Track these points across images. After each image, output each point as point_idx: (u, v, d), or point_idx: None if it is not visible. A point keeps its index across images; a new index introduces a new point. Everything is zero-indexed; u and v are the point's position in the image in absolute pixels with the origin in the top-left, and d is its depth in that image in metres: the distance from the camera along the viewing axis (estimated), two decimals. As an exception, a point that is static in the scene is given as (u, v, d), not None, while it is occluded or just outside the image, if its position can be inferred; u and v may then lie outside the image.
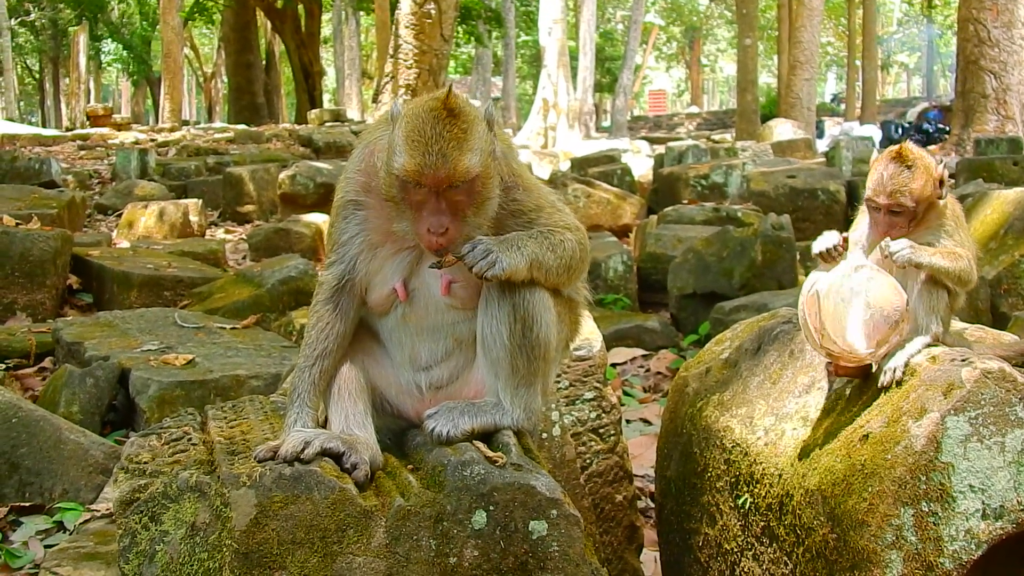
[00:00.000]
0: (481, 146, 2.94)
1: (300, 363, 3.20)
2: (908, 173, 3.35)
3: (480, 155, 2.92)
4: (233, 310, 8.89)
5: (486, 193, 3.00)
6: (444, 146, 2.85)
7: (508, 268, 2.96)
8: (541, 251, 3.07)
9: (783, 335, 3.68)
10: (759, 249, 9.49)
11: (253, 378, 6.41)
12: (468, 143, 2.89)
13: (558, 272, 3.14)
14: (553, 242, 3.12)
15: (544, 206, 3.22)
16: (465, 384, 3.23)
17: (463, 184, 2.90)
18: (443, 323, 3.19)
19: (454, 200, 2.92)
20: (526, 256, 3.02)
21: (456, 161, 2.86)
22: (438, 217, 2.91)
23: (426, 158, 2.85)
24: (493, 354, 3.10)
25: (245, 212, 17.64)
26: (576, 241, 3.21)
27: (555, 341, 3.18)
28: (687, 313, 9.72)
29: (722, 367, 3.90)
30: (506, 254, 2.97)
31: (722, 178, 16.50)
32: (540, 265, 3.07)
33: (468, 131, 2.90)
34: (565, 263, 3.16)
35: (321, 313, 3.22)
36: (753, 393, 3.57)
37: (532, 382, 3.14)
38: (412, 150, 2.86)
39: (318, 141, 24.80)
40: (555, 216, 3.23)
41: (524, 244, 3.04)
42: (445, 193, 2.90)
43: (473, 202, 2.97)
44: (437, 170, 2.85)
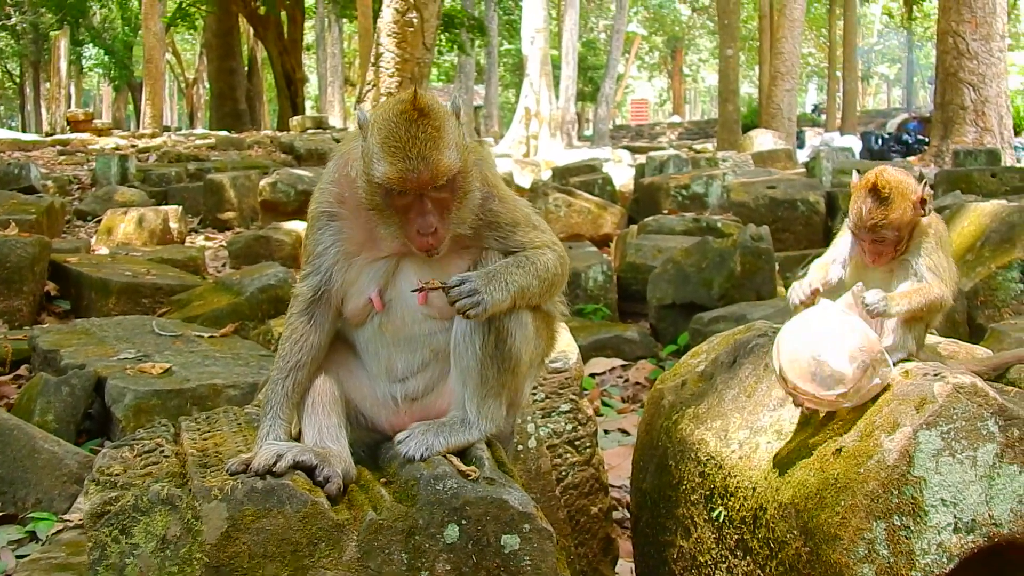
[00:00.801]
0: (456, 141, 2.95)
1: (273, 375, 3.19)
2: (884, 206, 3.38)
3: (457, 150, 2.94)
4: (212, 318, 8.85)
5: (467, 187, 3.02)
6: (422, 148, 2.86)
7: (491, 307, 2.98)
8: (527, 280, 3.08)
9: (758, 348, 3.69)
10: (738, 260, 9.51)
11: (230, 387, 6.38)
12: (444, 140, 2.90)
13: (539, 295, 3.17)
14: (538, 268, 3.13)
15: (520, 221, 3.22)
16: (441, 396, 3.22)
17: (446, 182, 2.92)
18: (420, 333, 3.19)
19: (438, 199, 2.93)
20: (511, 290, 3.03)
21: (437, 162, 2.87)
22: (425, 218, 2.92)
23: (407, 163, 2.85)
24: (463, 363, 3.11)
25: (225, 219, 17.59)
26: (556, 258, 3.22)
27: (528, 356, 3.18)
28: (666, 323, 9.74)
29: (698, 380, 3.90)
30: (491, 292, 2.98)
31: (703, 188, 16.54)
32: (524, 294, 3.09)
33: (441, 128, 2.91)
34: (547, 284, 3.18)
35: (295, 325, 3.21)
36: (728, 406, 3.57)
37: (499, 393, 3.14)
38: (391, 157, 2.86)
39: (300, 148, 24.75)
40: (531, 234, 3.23)
41: (510, 276, 3.05)
42: (431, 194, 2.91)
43: (457, 197, 2.98)
44: (420, 174, 2.86)
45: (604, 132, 51.80)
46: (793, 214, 13.81)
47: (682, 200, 16.36)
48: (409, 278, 3.13)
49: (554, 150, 38.96)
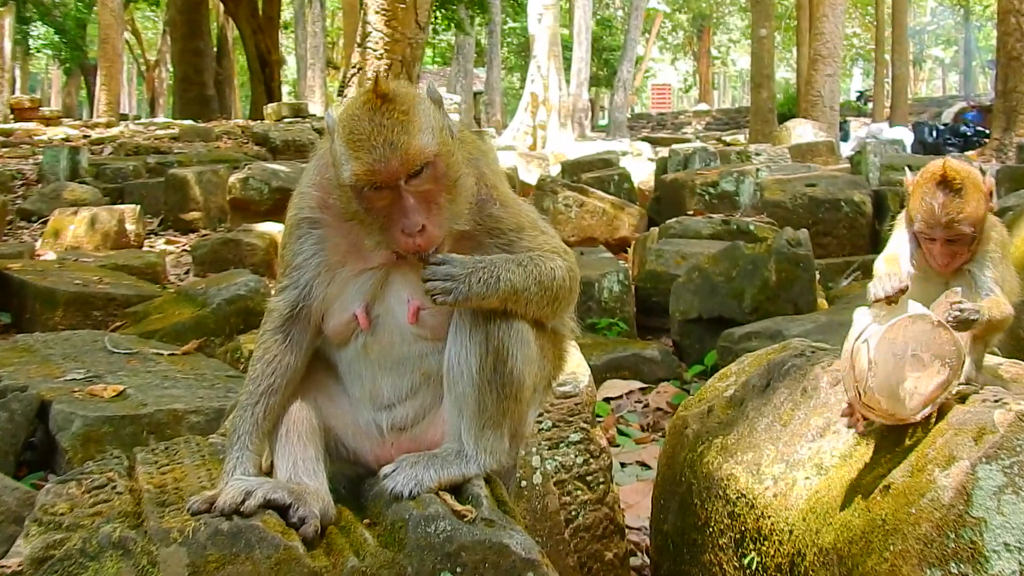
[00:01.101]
0: (431, 124, 2.96)
1: (242, 400, 3.19)
2: (960, 198, 3.35)
3: (432, 133, 2.95)
4: (173, 333, 8.84)
5: (453, 174, 3.01)
6: (388, 134, 2.88)
7: (467, 297, 2.98)
8: (523, 282, 3.07)
9: (795, 370, 3.68)
10: (773, 268, 9.50)
11: (193, 413, 6.37)
12: (414, 123, 2.92)
13: (541, 304, 3.15)
14: (542, 272, 3.12)
15: (525, 226, 3.22)
16: (433, 425, 3.22)
17: (424, 169, 2.92)
18: (409, 355, 3.19)
19: (421, 192, 2.94)
20: (501, 287, 3.02)
21: (406, 145, 2.88)
22: (409, 216, 2.92)
23: (372, 153, 2.87)
24: (459, 388, 3.10)
25: (190, 220, 17.60)
26: (565, 269, 3.21)
27: (531, 380, 3.17)
28: (691, 340, 9.73)
29: (726, 406, 3.90)
30: (472, 281, 2.97)
31: (733, 186, 16.54)
32: (519, 296, 3.07)
33: (410, 111, 2.92)
34: (551, 294, 3.16)
35: (269, 344, 3.21)
36: (761, 436, 3.57)
37: (500, 423, 3.13)
38: (356, 151, 2.89)
39: (275, 139, 24.79)
40: (539, 239, 3.23)
41: (504, 272, 3.04)
42: (410, 186, 2.91)
43: (443, 188, 2.98)
44: (388, 161, 2.87)
45: (621, 122, 51.91)
46: (836, 216, 13.81)
47: (709, 199, 16.36)
48: (399, 292, 3.13)
49: (564, 142, 39.03)
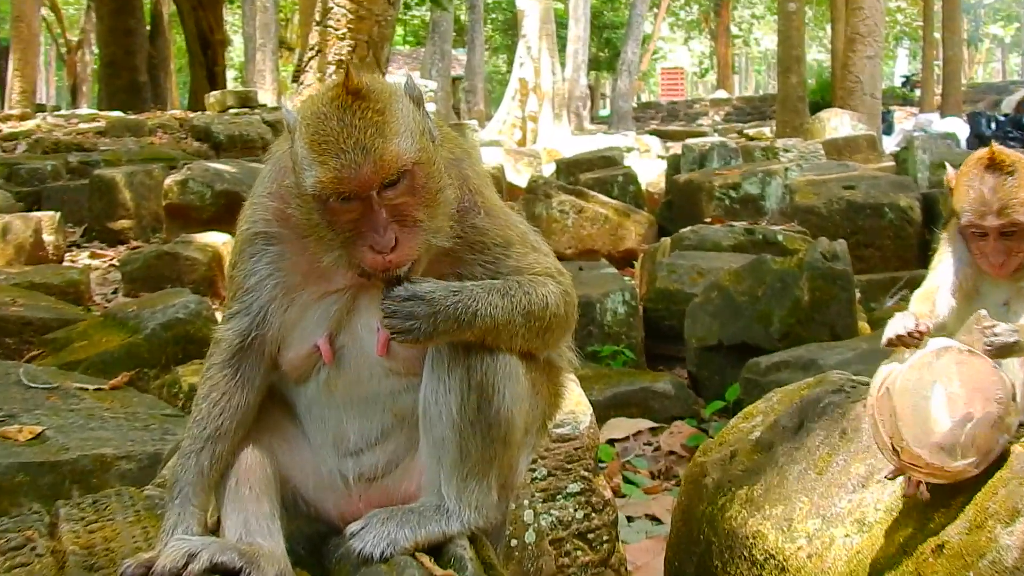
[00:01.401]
0: (410, 126, 2.97)
1: (185, 446, 3.19)
2: (1013, 180, 3.36)
3: (412, 137, 2.96)
4: (99, 364, 8.82)
5: (433, 185, 3.02)
6: (360, 137, 2.88)
7: (430, 335, 2.98)
8: (507, 313, 3.08)
9: (832, 408, 3.70)
10: (806, 286, 9.52)
11: (123, 459, 6.35)
12: (391, 125, 2.92)
13: (530, 336, 3.17)
14: (531, 299, 3.13)
15: (513, 241, 3.24)
16: (407, 475, 3.23)
17: (400, 178, 2.92)
18: (379, 393, 3.20)
19: (396, 205, 2.94)
20: (478, 321, 3.03)
21: (382, 150, 2.89)
22: (381, 231, 2.92)
23: (341, 159, 2.87)
24: (437, 432, 3.12)
25: (119, 230, 17.58)
26: (559, 294, 3.22)
27: (523, 420, 3.19)
28: (710, 371, 9.74)
29: (752, 451, 3.91)
30: (440, 320, 2.97)
31: (758, 188, 16.59)
32: (501, 331, 3.08)
33: (386, 111, 2.94)
34: (542, 325, 3.17)
35: (216, 380, 3.22)
36: (793, 487, 3.58)
37: (486, 472, 3.15)
38: (321, 155, 2.88)
39: (219, 134, 24.80)
40: (529, 257, 3.24)
41: (481, 303, 3.04)
42: (382, 198, 2.92)
43: (421, 201, 2.99)
44: (359, 169, 2.87)
45: (626, 112, 51.98)
46: (878, 224, 13.85)
47: (730, 204, 16.40)
48: (368, 320, 3.15)
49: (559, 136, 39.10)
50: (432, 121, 3.12)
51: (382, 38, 21.49)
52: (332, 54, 20.46)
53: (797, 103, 36.63)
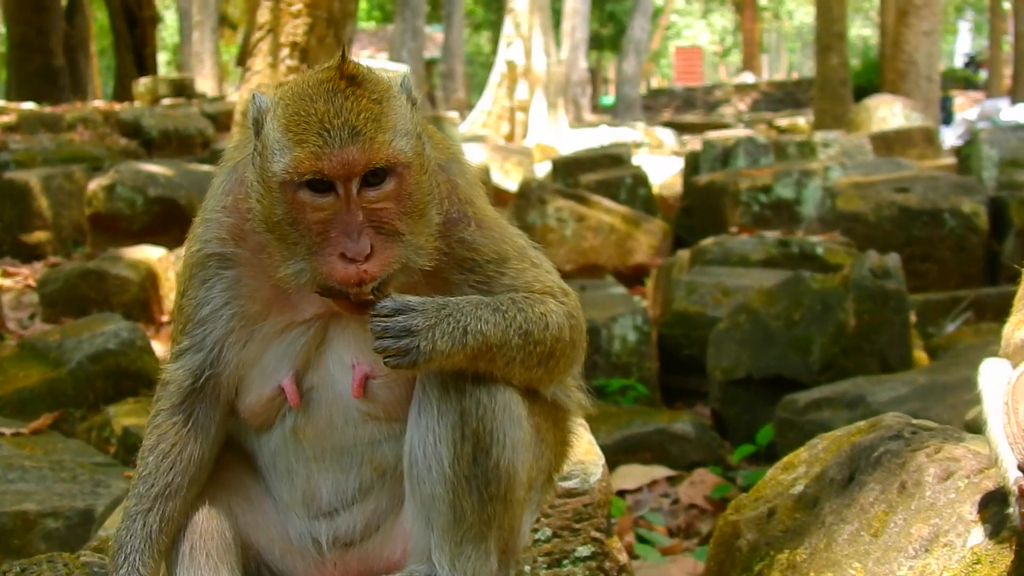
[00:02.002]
0: (407, 125, 3.03)
1: (130, 506, 3.22)
2: None
3: (407, 137, 3.02)
4: (16, 403, 8.83)
5: (421, 195, 3.07)
6: (351, 118, 2.94)
7: (428, 358, 3.01)
8: (500, 332, 3.11)
9: (889, 458, 3.73)
10: (852, 308, 9.54)
11: (49, 516, 6.37)
12: (387, 118, 2.99)
13: (529, 363, 3.19)
14: (528, 317, 3.16)
15: (509, 256, 3.28)
16: (390, 539, 3.25)
17: (387, 176, 2.98)
18: (356, 442, 3.23)
19: (376, 210, 2.99)
20: (469, 339, 3.05)
21: (372, 134, 2.95)
22: (355, 236, 2.95)
23: (323, 138, 2.93)
24: (426, 488, 3.14)
25: (34, 243, 17.57)
26: (562, 314, 3.26)
27: (526, 474, 3.22)
28: (738, 409, 9.75)
29: (793, 508, 3.94)
30: (434, 334, 3.00)
31: (792, 191, 16.62)
32: (496, 354, 3.11)
33: (383, 102, 3.00)
34: (543, 350, 3.20)
35: (164, 429, 3.24)
36: (843, 550, 3.60)
37: (484, 535, 3.17)
38: (300, 134, 2.93)
39: (150, 129, 24.82)
40: (527, 274, 3.28)
41: (472, 318, 3.08)
42: (362, 197, 2.96)
43: (404, 210, 3.03)
44: (343, 150, 2.92)
45: (633, 100, 52.06)
46: (937, 233, 13.85)
47: (760, 210, 16.43)
48: (340, 355, 3.19)
49: (555, 129, 39.11)
50: (426, 130, 3.16)
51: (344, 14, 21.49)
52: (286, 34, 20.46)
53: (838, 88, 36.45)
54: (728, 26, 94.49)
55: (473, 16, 73.24)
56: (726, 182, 17.04)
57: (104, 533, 4.48)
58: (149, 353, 9.79)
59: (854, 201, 14.60)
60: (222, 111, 27.95)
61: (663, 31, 78.79)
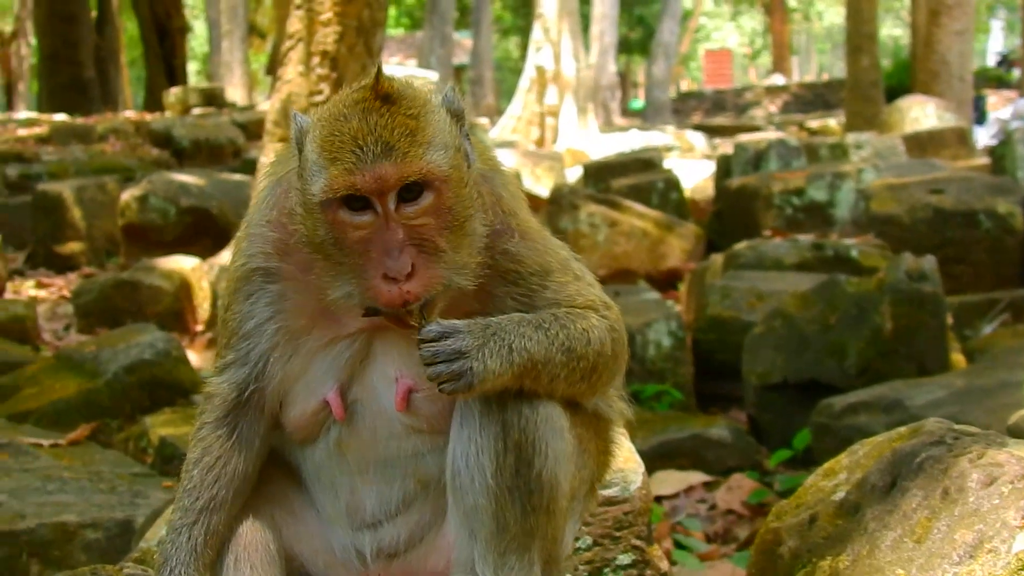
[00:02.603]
0: (444, 139, 3.04)
1: (175, 520, 3.24)
2: None
3: (444, 150, 3.03)
4: (53, 415, 8.86)
5: (462, 211, 3.08)
6: (383, 134, 2.96)
7: (483, 380, 3.02)
8: (546, 350, 3.12)
9: (932, 464, 3.72)
10: (888, 311, 9.50)
11: (88, 527, 6.39)
12: (423, 132, 3.00)
13: (573, 379, 3.21)
14: (571, 335, 3.17)
15: (552, 269, 3.29)
16: (433, 550, 3.26)
17: (423, 191, 2.99)
18: (400, 454, 3.24)
19: (415, 226, 3.00)
20: (516, 359, 3.07)
21: (405, 150, 2.96)
22: (396, 253, 2.97)
23: (357, 155, 2.95)
24: (469, 500, 3.14)
25: (68, 254, 17.64)
26: (604, 329, 3.27)
27: (568, 484, 3.22)
28: (774, 414, 9.72)
29: (835, 514, 3.93)
30: (485, 356, 3.01)
31: (825, 194, 16.57)
32: (540, 371, 3.13)
33: (420, 117, 3.02)
34: (586, 365, 3.21)
35: (209, 442, 3.26)
36: (886, 557, 3.60)
37: (527, 546, 3.17)
38: (334, 152, 2.96)
39: (181, 139, 24.91)
40: (569, 288, 3.29)
41: (516, 336, 3.09)
42: (400, 214, 2.97)
43: (445, 225, 3.04)
44: (377, 167, 2.94)
45: (663, 103, 52.01)
46: (972, 235, 13.78)
47: (793, 214, 16.39)
48: (384, 369, 3.21)
49: (585, 134, 39.08)
50: (470, 143, 3.17)
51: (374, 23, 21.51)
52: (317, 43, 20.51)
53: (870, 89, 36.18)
54: (757, 28, 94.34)
55: (502, 22, 73.30)
56: (758, 185, 16.99)
57: (146, 544, 4.50)
58: (184, 363, 9.82)
59: (888, 203, 14.54)
60: (252, 120, 28.04)
61: (692, 34, 78.69)
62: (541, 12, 41.99)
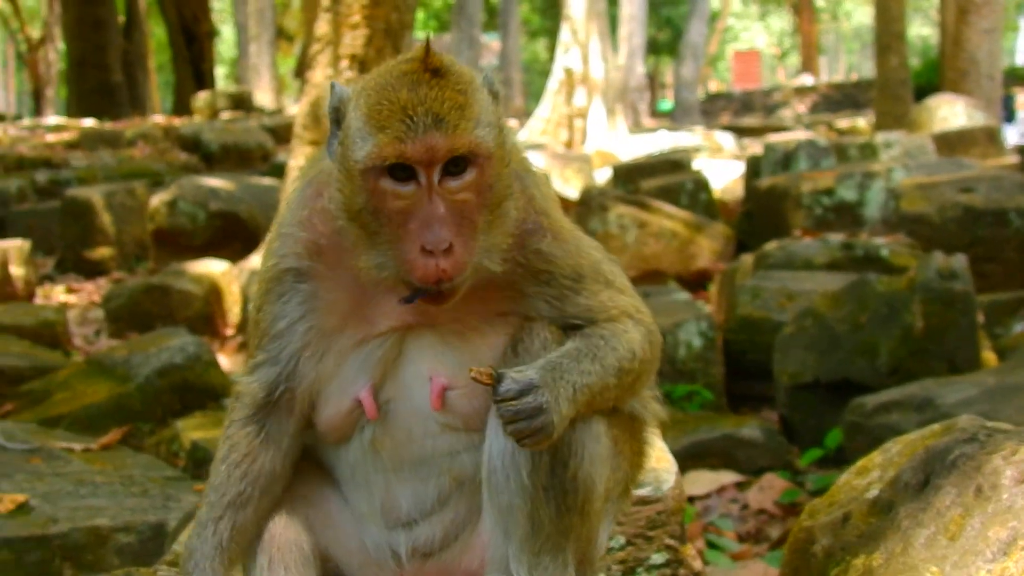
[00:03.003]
0: (489, 117, 3.07)
1: (201, 515, 3.27)
2: None
3: (490, 128, 3.06)
4: (84, 419, 8.89)
5: (501, 190, 3.11)
6: (434, 107, 2.97)
7: (559, 427, 3.01)
8: (603, 380, 3.14)
9: (964, 461, 3.71)
10: (918, 310, 9.49)
11: (122, 531, 6.42)
12: (471, 107, 3.03)
13: (619, 394, 3.24)
14: (620, 356, 3.20)
15: (585, 273, 3.29)
16: (468, 549, 3.28)
17: (469, 165, 3.01)
18: (435, 452, 3.25)
19: (456, 201, 3.01)
20: (580, 398, 3.08)
21: (456, 122, 2.99)
22: (436, 226, 2.98)
23: (407, 124, 2.97)
24: (503, 498, 3.16)
25: (97, 259, 17.70)
26: (643, 337, 3.30)
27: (604, 484, 3.23)
28: (805, 414, 9.71)
29: (868, 512, 3.93)
30: (559, 404, 3.01)
31: (855, 193, 16.53)
32: (596, 400, 3.14)
33: (467, 93, 3.04)
34: (631, 378, 3.25)
35: (236, 439, 3.28)
36: (920, 554, 3.60)
37: (561, 546, 3.18)
38: (384, 120, 2.98)
39: (210, 143, 24.96)
40: (603, 295, 3.30)
41: (580, 375, 3.10)
42: (443, 187, 2.99)
43: (484, 203, 3.06)
44: (427, 133, 2.96)
45: (691, 104, 51.93)
46: (1003, 233, 13.73)
47: (823, 213, 16.35)
48: (418, 367, 3.21)
49: (613, 135, 39.01)
50: (509, 125, 3.21)
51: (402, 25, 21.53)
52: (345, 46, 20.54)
53: (899, 89, 36.15)
54: (786, 28, 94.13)
55: (529, 24, 73.31)
56: (788, 185, 16.97)
57: (179, 547, 4.53)
58: (215, 367, 9.86)
59: (918, 202, 14.50)
60: (281, 124, 28.12)
61: (720, 35, 78.56)
62: (569, 14, 41.88)
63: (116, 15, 46.36)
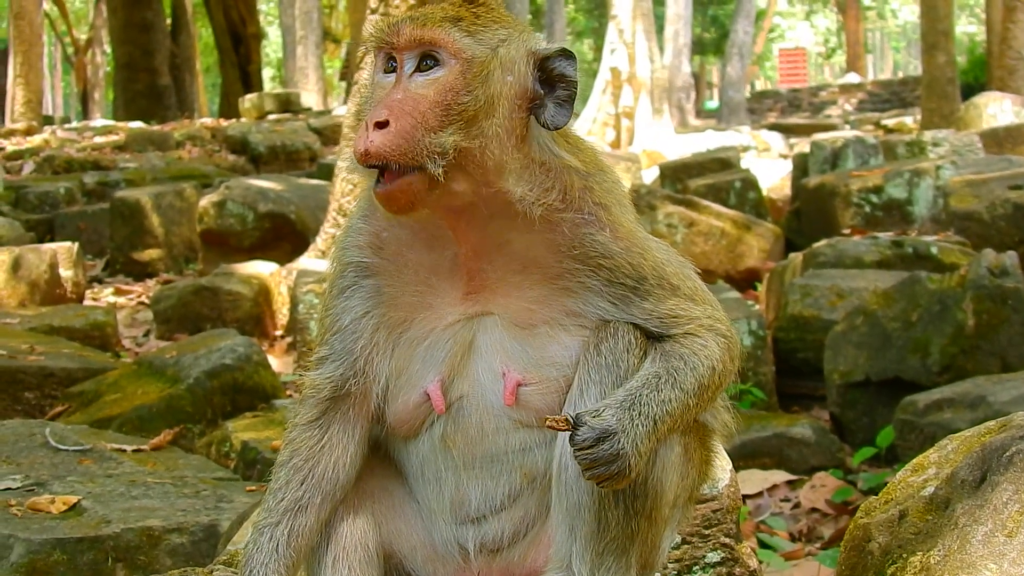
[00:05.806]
0: (487, 38, 3.11)
1: (259, 520, 3.27)
2: None
3: (479, 44, 3.10)
4: (135, 420, 8.93)
5: (470, 100, 3.08)
6: (432, 10, 3.09)
7: (637, 465, 3.02)
8: (682, 405, 3.15)
9: (1022, 457, 3.68)
10: (970, 308, 9.43)
11: (174, 532, 6.43)
12: (466, 21, 3.10)
13: (699, 410, 3.27)
14: (699, 376, 3.21)
15: (647, 274, 3.27)
16: (536, 546, 3.29)
17: (435, 62, 3.08)
18: (507, 449, 3.26)
19: (417, 96, 3.06)
20: (662, 426, 3.09)
21: (424, 21, 3.07)
22: (382, 104, 3.05)
23: (406, 18, 3.10)
24: (572, 497, 3.15)
25: (146, 261, 17.81)
26: (723, 350, 3.31)
27: (673, 490, 3.24)
28: (857, 412, 9.67)
29: (924, 510, 3.91)
30: (637, 443, 3.00)
31: (904, 191, 16.46)
32: (676, 424, 3.16)
33: (478, 16, 3.12)
34: (711, 393, 3.27)
35: (298, 444, 3.29)
36: (977, 551, 3.57)
37: (625, 549, 3.18)
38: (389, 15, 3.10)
39: (257, 145, 25.05)
40: (670, 302, 3.28)
41: (659, 405, 3.09)
42: (412, 81, 3.07)
43: (445, 103, 3.06)
44: (398, 28, 3.08)
45: (738, 103, 51.75)
46: (1053, 230, 13.67)
47: (872, 211, 16.28)
48: (489, 360, 3.22)
49: (660, 135, 38.94)
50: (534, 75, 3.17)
51: (448, 25, 21.61)
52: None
53: (946, 87, 35.85)
54: (832, 27, 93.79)
55: (575, 24, 73.31)
56: (836, 184, 16.89)
57: (233, 547, 4.54)
58: (265, 367, 9.88)
59: (967, 200, 14.43)
60: (328, 125, 28.18)
61: (766, 33, 78.28)
62: (615, 14, 41.84)
63: (163, 18, 46.62)
